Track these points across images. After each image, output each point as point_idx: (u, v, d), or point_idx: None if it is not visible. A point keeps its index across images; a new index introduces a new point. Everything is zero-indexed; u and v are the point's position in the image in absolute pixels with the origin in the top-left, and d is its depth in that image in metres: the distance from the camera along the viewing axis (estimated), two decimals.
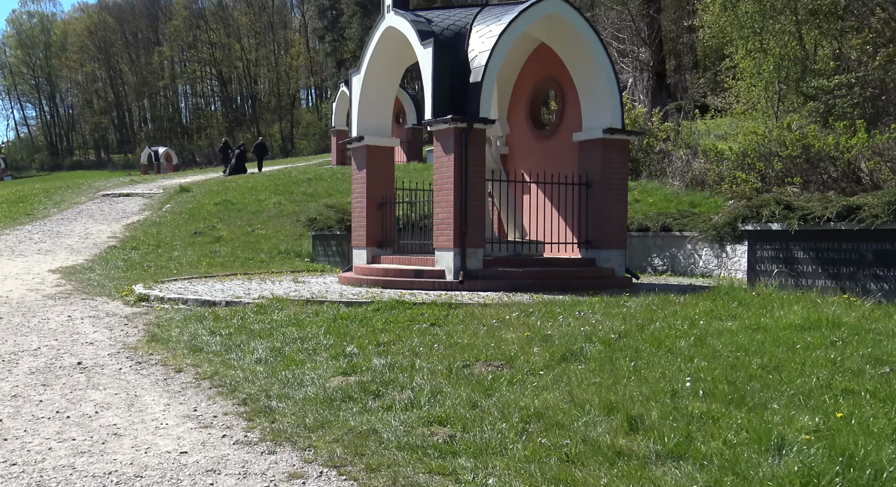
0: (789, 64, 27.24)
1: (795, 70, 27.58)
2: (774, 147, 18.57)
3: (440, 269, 11.48)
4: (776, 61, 27.26)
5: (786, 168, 17.81)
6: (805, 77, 27.74)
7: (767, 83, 28.58)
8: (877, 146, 17.52)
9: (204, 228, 20.44)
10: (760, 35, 27.93)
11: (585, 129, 12.55)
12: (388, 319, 7.91)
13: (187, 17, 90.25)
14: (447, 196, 11.40)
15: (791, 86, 27.55)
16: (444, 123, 11.23)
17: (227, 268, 15.96)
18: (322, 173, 27.73)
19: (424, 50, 11.55)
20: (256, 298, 9.59)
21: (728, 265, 14.85)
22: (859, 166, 17.42)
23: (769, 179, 18.19)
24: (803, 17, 27.43)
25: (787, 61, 27.54)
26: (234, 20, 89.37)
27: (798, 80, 27.62)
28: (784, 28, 27.52)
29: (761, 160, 18.26)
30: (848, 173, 17.37)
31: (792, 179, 17.70)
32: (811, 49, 28.95)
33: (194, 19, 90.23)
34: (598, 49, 12.08)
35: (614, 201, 12.39)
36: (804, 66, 27.96)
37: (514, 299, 9.53)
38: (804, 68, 27.90)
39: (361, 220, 13.49)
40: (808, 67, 28.08)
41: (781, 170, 17.84)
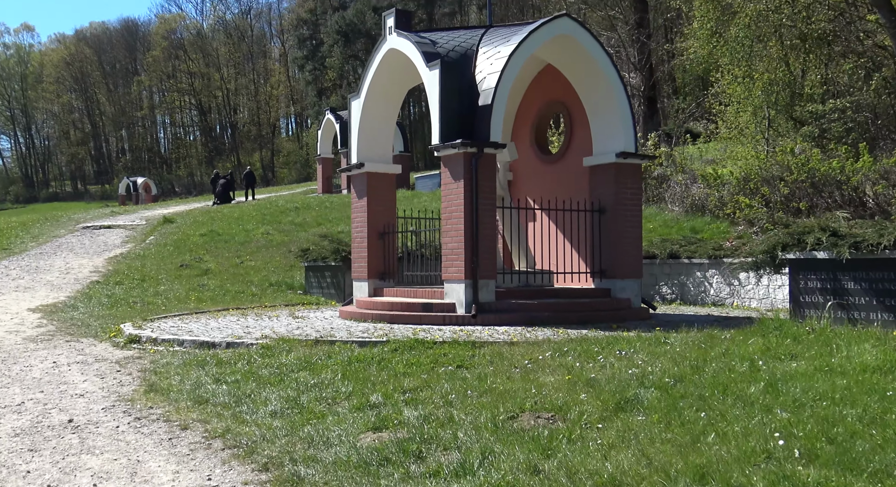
0: (778, 89, 27.08)
1: (784, 95, 27.44)
2: (777, 172, 18.20)
3: (450, 302, 10.82)
4: (765, 86, 27.10)
5: (791, 193, 17.41)
6: (794, 102, 27.62)
7: (756, 108, 28.42)
8: (882, 170, 17.20)
9: (190, 260, 19.65)
10: (749, 60, 27.77)
11: (597, 153, 12.02)
12: (408, 361, 7.23)
13: (166, 48, 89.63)
14: (456, 225, 10.78)
15: (781, 111, 27.38)
16: (453, 147, 10.65)
17: (218, 302, 15.20)
18: (309, 202, 27.06)
19: (430, 72, 11.00)
20: (259, 338, 8.87)
21: (741, 294, 14.32)
22: (864, 191, 17.05)
23: (774, 205, 17.78)
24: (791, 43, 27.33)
25: (775, 87, 27.38)
26: (213, 50, 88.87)
27: (787, 105, 27.48)
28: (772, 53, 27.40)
29: (765, 185, 17.85)
30: (854, 198, 16.99)
31: (798, 203, 17.31)
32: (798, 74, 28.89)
33: (173, 49, 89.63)
34: (610, 71, 11.59)
35: (629, 228, 11.84)
36: (792, 91, 27.85)
37: (537, 335, 8.88)
38: (793, 93, 27.79)
39: (362, 250, 12.82)
40: (797, 91, 27.99)
41: (787, 195, 17.44)
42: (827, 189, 17.26)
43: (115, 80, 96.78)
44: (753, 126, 29.09)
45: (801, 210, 17.19)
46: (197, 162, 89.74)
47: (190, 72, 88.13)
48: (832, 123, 24.80)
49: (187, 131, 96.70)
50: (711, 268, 14.83)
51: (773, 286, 13.59)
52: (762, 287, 13.84)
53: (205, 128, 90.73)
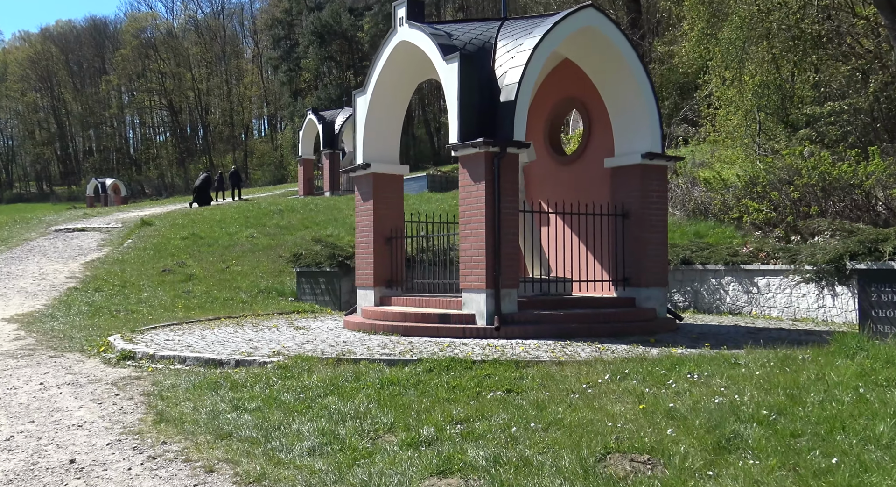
0: (769, 92, 26.70)
1: (775, 98, 27.08)
2: (785, 175, 17.68)
3: (469, 313, 10.04)
4: (755, 89, 26.71)
5: (801, 197, 16.89)
6: (785, 105, 27.27)
7: (747, 111, 28.04)
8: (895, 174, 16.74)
9: (172, 265, 18.63)
10: (741, 63, 27.36)
11: (619, 154, 11.32)
12: (449, 384, 6.43)
13: (136, 47, 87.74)
14: (476, 230, 10.00)
15: (771, 114, 27.01)
16: (474, 147, 9.88)
17: (207, 311, 14.26)
18: (293, 205, 26.10)
19: (448, 66, 10.21)
20: (270, 355, 8.01)
21: (760, 302, 13.71)
22: (876, 195, 16.59)
23: (783, 209, 17.25)
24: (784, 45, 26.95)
25: (767, 90, 27.01)
26: (184, 49, 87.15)
27: (778, 108, 27.13)
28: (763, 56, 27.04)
29: (774, 189, 17.32)
30: (864, 203, 16.51)
31: (807, 208, 16.78)
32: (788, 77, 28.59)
33: (143, 48, 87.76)
34: (637, 66, 10.90)
35: (654, 233, 11.15)
36: (784, 94, 27.51)
37: (578, 352, 8.14)
38: (784, 96, 27.45)
39: (367, 256, 11.99)
40: (787, 95, 27.66)
41: (797, 199, 16.91)
42: (837, 193, 16.76)
43: (82, 79, 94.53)
44: (743, 129, 28.71)
45: (810, 215, 16.68)
46: (168, 163, 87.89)
47: (161, 71, 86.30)
48: (829, 126, 24.45)
49: (158, 132, 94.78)
50: (728, 275, 14.22)
51: (797, 295, 12.99)
52: (783, 296, 13.24)
53: (176, 128, 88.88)
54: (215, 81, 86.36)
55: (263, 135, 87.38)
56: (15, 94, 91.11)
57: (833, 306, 12.38)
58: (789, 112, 27.00)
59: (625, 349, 8.23)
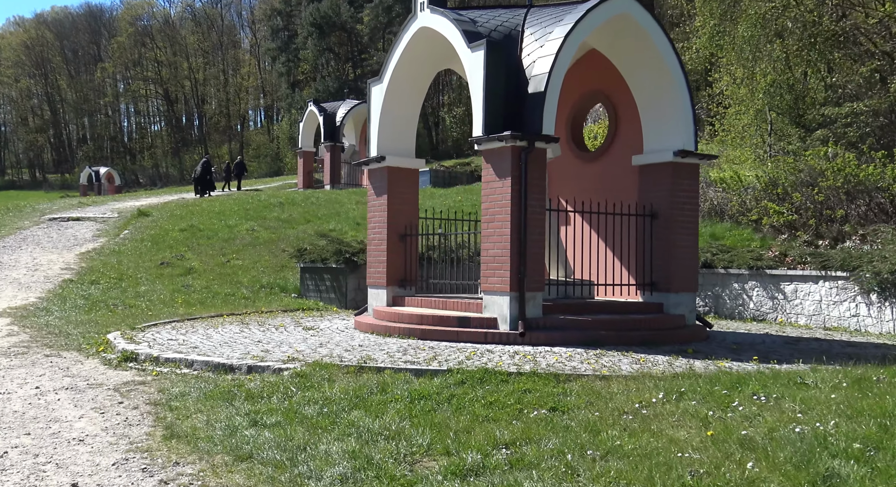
0: (782, 91, 26.20)
1: (788, 98, 26.60)
2: (806, 176, 17.16)
3: (490, 317, 9.47)
4: (767, 88, 26.20)
5: (826, 199, 16.37)
6: (798, 105, 26.79)
7: (757, 111, 27.55)
8: None
9: (171, 257, 18.01)
10: (754, 61, 26.81)
11: (648, 151, 10.75)
12: (485, 399, 5.86)
13: (132, 34, 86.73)
14: (500, 229, 9.43)
15: (784, 114, 26.50)
16: (500, 140, 9.30)
17: (208, 306, 13.66)
18: (294, 197, 25.46)
19: (473, 54, 9.62)
20: (284, 360, 7.43)
21: (786, 308, 13.19)
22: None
23: (805, 212, 16.73)
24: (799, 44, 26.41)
25: (780, 89, 26.50)
26: (181, 38, 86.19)
27: (790, 108, 26.64)
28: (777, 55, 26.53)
29: (797, 191, 16.79)
30: (890, 207, 16.00)
31: (830, 211, 16.27)
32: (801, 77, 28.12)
33: (139, 36, 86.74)
34: (671, 57, 10.33)
35: (684, 235, 10.60)
36: (796, 94, 27.03)
37: (614, 363, 7.58)
38: (797, 97, 26.96)
39: (380, 254, 11.40)
40: (801, 94, 27.18)
41: (822, 201, 16.39)
42: (862, 197, 16.25)
43: (77, 66, 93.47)
44: (753, 129, 28.23)
45: (834, 218, 16.17)
46: (162, 153, 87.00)
47: (157, 60, 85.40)
48: (847, 127, 23.94)
49: (153, 121, 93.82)
50: (752, 279, 13.68)
51: (827, 302, 12.47)
52: (812, 303, 12.72)
53: (171, 118, 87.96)
54: (212, 70, 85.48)
55: (260, 126, 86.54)
56: (9, 79, 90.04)
57: (868, 315, 11.86)
58: (802, 113, 26.52)
59: (665, 361, 7.67)
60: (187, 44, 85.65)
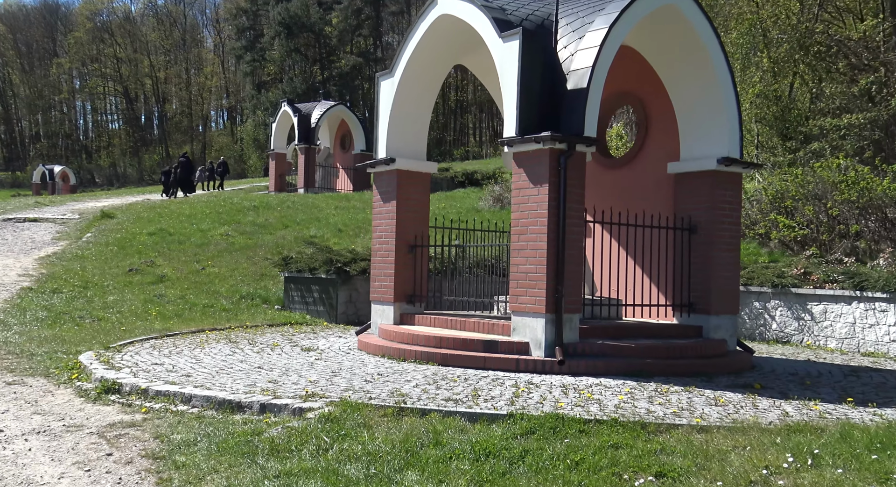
0: (768, 103, 25.68)
1: (774, 109, 26.09)
2: (817, 189, 16.43)
3: (521, 341, 8.39)
4: (753, 99, 25.71)
5: (840, 214, 15.65)
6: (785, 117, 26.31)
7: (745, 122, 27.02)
8: None
9: (140, 264, 16.59)
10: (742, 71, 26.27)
11: (687, 158, 9.80)
12: (569, 458, 4.76)
13: (91, 30, 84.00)
14: (534, 242, 8.36)
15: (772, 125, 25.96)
16: (536, 142, 8.24)
17: (186, 320, 12.36)
18: (268, 201, 24.12)
19: (505, 44, 8.56)
20: (303, 396, 6.24)
21: (814, 330, 12.33)
22: None
23: (817, 226, 16.00)
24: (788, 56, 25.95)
25: (766, 100, 26.03)
26: (142, 35, 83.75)
27: (776, 119, 26.14)
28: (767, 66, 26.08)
29: (809, 204, 16.05)
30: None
31: (842, 226, 15.56)
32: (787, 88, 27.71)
33: (98, 32, 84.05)
34: (718, 55, 9.39)
35: (726, 252, 9.65)
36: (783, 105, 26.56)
37: (682, 401, 6.55)
38: (783, 108, 26.49)
39: (387, 267, 10.26)
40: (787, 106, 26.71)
41: (835, 216, 15.66)
42: (873, 212, 15.56)
43: (31, 60, 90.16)
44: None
45: (847, 235, 15.46)
46: (120, 152, 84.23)
47: (116, 57, 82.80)
48: (842, 139, 23.44)
49: (111, 119, 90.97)
50: (775, 298, 12.82)
51: (863, 325, 11.65)
52: (844, 325, 11.88)
53: (130, 116, 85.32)
54: (174, 69, 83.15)
55: (222, 127, 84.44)
56: None
57: None
58: (788, 125, 26.03)
59: (741, 401, 6.66)
60: (148, 41, 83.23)
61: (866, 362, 10.31)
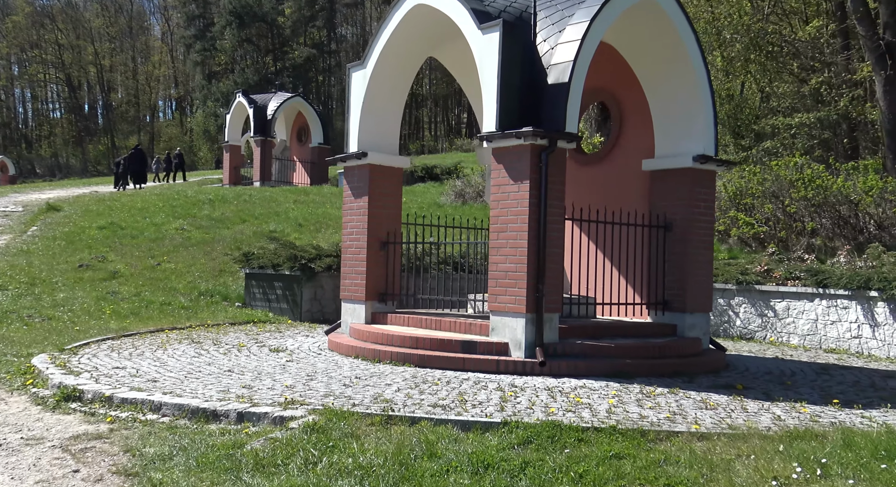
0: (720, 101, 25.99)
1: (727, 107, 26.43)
2: (774, 187, 16.60)
3: (500, 341, 8.17)
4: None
5: (797, 212, 15.83)
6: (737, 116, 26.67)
7: None
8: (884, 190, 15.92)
9: (91, 259, 15.94)
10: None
11: (662, 155, 9.70)
12: (572, 470, 4.53)
13: (30, 14, 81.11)
14: (515, 239, 8.15)
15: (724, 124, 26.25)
16: (517, 137, 8.02)
17: (144, 319, 11.87)
18: (224, 194, 23.48)
19: (484, 36, 8.32)
20: (283, 403, 5.91)
21: (776, 327, 12.41)
22: (868, 212, 15.70)
23: (775, 223, 16.17)
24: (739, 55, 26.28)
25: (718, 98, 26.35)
26: (86, 21, 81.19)
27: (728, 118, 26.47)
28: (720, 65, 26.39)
29: (769, 201, 16.20)
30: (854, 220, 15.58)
31: (799, 223, 15.73)
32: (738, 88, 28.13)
33: (38, 16, 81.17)
34: (695, 51, 9.29)
35: (701, 249, 9.58)
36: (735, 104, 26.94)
37: (671, 404, 6.41)
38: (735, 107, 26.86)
39: (358, 264, 9.94)
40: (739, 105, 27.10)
41: (792, 213, 15.84)
42: (828, 210, 15.77)
43: None
44: None
45: (803, 232, 15.65)
46: (63, 142, 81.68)
47: (58, 43, 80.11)
48: (794, 138, 23.81)
49: (52, 108, 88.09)
50: (739, 295, 12.87)
51: (825, 321, 11.73)
52: (807, 322, 11.96)
53: (73, 105, 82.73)
54: (120, 57, 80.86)
55: (171, 118, 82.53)
56: None
57: (873, 337, 11.16)
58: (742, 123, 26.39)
59: (729, 403, 6.56)
60: (92, 27, 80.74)
61: (832, 359, 10.37)
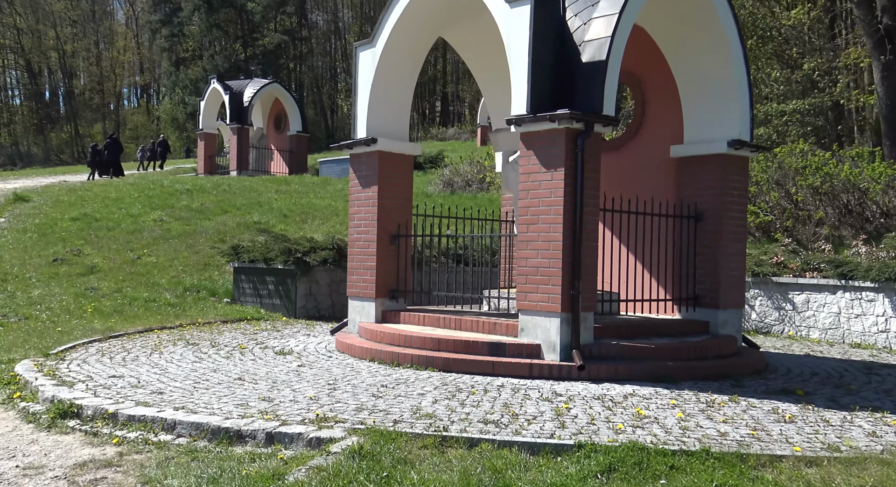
0: None
1: None
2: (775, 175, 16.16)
3: (531, 343, 7.53)
4: None
5: (805, 200, 15.39)
6: None
7: None
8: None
9: (66, 253, 14.99)
10: None
11: (692, 141, 9.10)
12: None
13: None
14: (547, 233, 7.50)
15: None
16: (551, 121, 7.35)
17: (128, 317, 11.05)
18: (202, 184, 22.51)
19: (513, 10, 7.63)
20: (313, 419, 5.20)
21: (795, 321, 11.94)
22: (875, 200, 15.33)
23: (781, 212, 15.70)
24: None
25: None
26: (46, 5, 78.62)
27: None
28: None
29: (773, 189, 15.75)
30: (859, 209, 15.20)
31: (805, 212, 15.30)
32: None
33: None
34: (732, 28, 8.68)
35: (734, 242, 9.02)
36: None
37: (739, 415, 5.81)
38: None
39: (367, 259, 9.22)
40: None
41: (800, 201, 15.39)
42: (835, 199, 15.36)
43: None
44: None
45: (810, 221, 15.22)
46: (23, 130, 79.20)
47: (16, 27, 77.51)
48: (786, 125, 23.46)
49: (12, 94, 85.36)
50: (755, 287, 12.37)
51: (848, 315, 11.28)
52: (828, 315, 11.50)
53: (34, 92, 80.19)
54: (82, 42, 78.49)
55: (137, 105, 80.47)
56: None
57: None
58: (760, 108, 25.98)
59: (810, 417, 5.98)
60: (53, 11, 78.22)
61: (865, 355, 9.90)
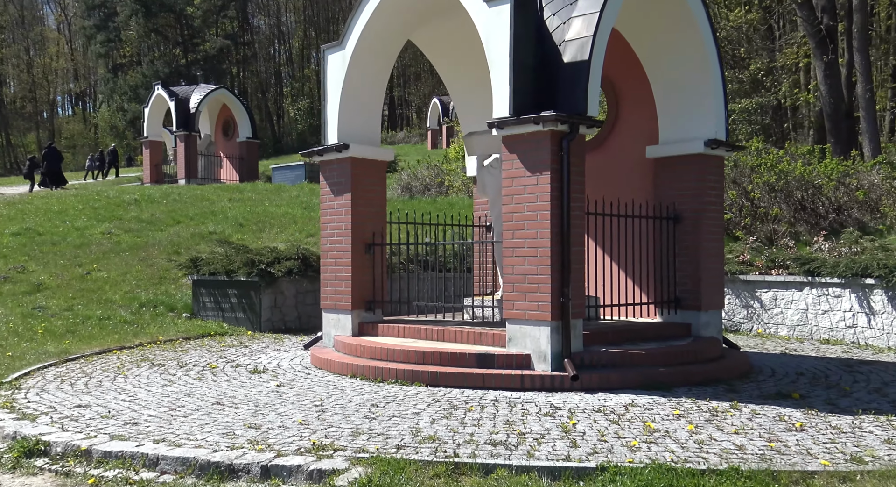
0: None
1: None
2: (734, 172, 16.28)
3: (520, 353, 7.28)
4: None
5: (761, 197, 15.52)
6: None
7: None
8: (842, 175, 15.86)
9: (8, 270, 14.22)
10: None
11: (668, 141, 8.99)
12: None
13: None
14: (535, 238, 7.26)
15: None
16: (535, 123, 7.13)
17: (83, 337, 10.48)
18: (150, 194, 21.75)
19: (492, 9, 7.38)
20: (309, 449, 4.85)
21: (763, 318, 11.97)
22: (828, 196, 15.57)
23: (740, 210, 15.81)
24: None
25: None
26: None
27: None
28: None
29: (731, 187, 15.85)
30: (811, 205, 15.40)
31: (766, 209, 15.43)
32: None
33: None
34: (706, 27, 8.58)
35: (713, 242, 8.93)
36: None
37: (747, 424, 5.65)
38: None
39: (341, 270, 8.86)
40: None
41: (757, 199, 15.52)
42: (789, 196, 15.54)
43: None
44: None
45: (767, 218, 15.35)
46: None
47: None
48: (734, 124, 23.77)
49: None
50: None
51: (816, 311, 11.32)
52: (796, 312, 11.54)
53: None
54: (11, 49, 75.79)
55: (72, 113, 78.04)
56: None
57: (869, 326, 10.79)
58: None
59: (818, 424, 5.85)
60: None
61: (839, 352, 9.93)
